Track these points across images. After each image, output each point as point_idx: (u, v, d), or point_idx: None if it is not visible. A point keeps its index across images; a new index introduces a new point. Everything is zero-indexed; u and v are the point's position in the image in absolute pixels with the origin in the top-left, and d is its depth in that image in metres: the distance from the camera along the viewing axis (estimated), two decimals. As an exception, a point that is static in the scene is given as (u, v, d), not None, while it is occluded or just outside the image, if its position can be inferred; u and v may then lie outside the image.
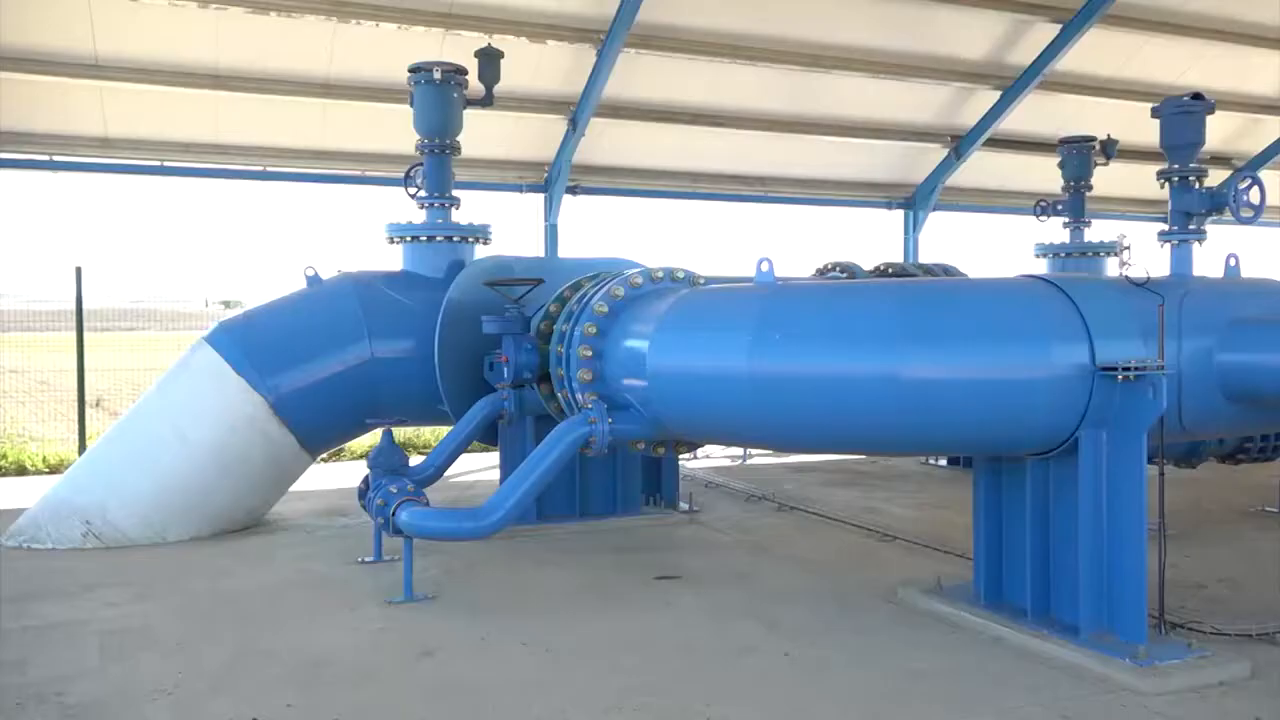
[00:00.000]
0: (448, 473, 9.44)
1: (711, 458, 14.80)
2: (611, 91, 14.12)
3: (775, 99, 15.34)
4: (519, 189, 15.47)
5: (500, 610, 7.25)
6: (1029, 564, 6.57)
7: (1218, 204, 7.21)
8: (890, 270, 13.00)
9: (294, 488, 10.53)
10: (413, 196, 10.91)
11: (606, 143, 15.20)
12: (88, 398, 14.24)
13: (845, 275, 12.04)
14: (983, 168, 17.40)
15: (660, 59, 14.05)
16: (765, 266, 6.74)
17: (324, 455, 12.22)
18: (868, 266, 12.62)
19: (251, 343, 9.71)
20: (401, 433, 14.75)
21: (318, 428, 9.88)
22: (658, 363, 6.91)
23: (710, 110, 15.22)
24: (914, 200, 17.71)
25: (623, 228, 17.45)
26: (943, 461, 14.01)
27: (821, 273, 12.33)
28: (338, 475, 12.91)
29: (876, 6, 14.07)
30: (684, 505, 10.74)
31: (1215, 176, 7.89)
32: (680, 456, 10.36)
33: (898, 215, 17.95)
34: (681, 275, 7.81)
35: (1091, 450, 6.11)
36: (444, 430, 10.67)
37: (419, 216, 10.61)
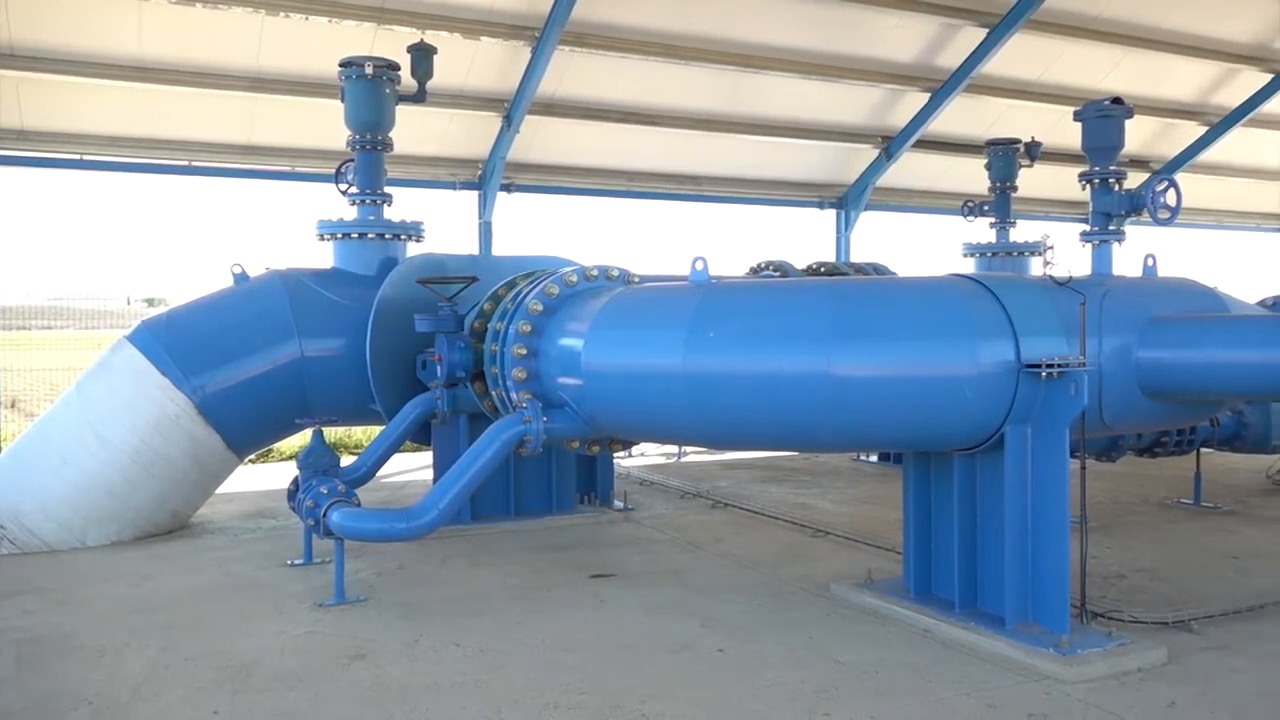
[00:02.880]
0: (380, 473, 9.34)
1: (646, 455, 14.84)
2: (546, 89, 14.08)
3: (709, 98, 15.43)
4: (452, 186, 15.33)
5: (433, 611, 7.18)
6: (957, 557, 6.70)
7: (1136, 205, 7.44)
8: (822, 269, 13.17)
9: (220, 490, 10.30)
10: (344, 193, 10.75)
11: (541, 140, 15.14)
12: (2, 399, 13.77)
13: (778, 274, 12.16)
14: (913, 168, 17.69)
15: (595, 57, 14.04)
16: (700, 265, 6.78)
17: (252, 456, 11.99)
18: (800, 265, 12.77)
19: (175, 341, 9.48)
20: (332, 433, 14.54)
21: (245, 428, 9.68)
22: (593, 361, 6.90)
23: (645, 109, 15.25)
24: (845, 200, 17.95)
25: (557, 226, 17.41)
26: (873, 458, 14.24)
27: (755, 271, 12.44)
28: (266, 477, 12.66)
29: (809, 8, 14.23)
30: (619, 503, 10.75)
31: (1134, 179, 8.13)
32: (615, 454, 10.35)
33: (830, 215, 18.17)
34: (616, 274, 7.81)
35: (1016, 445, 6.26)
36: (376, 430, 10.56)
37: (350, 213, 10.45)
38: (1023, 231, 15.50)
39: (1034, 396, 6.15)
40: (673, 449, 14.96)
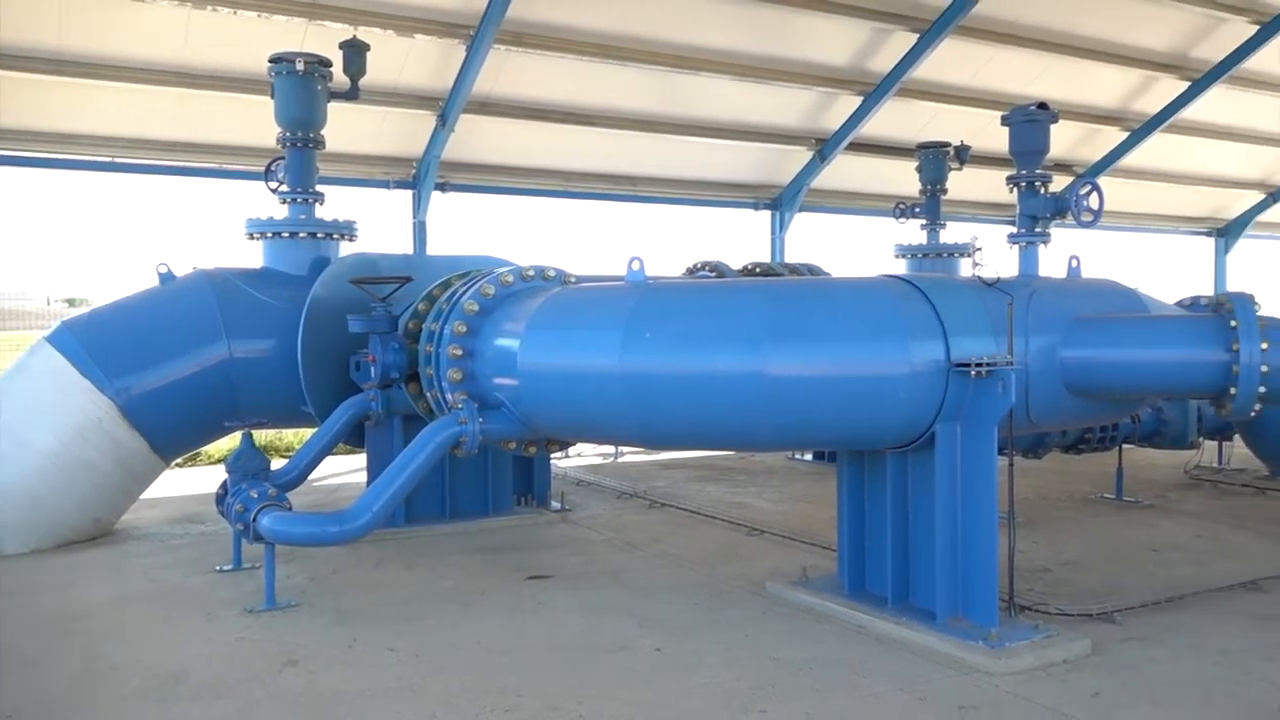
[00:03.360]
0: (312, 476, 9.20)
1: (583, 456, 14.82)
2: (481, 88, 13.98)
3: (645, 99, 15.46)
4: (386, 185, 15.14)
5: (367, 616, 7.09)
6: (889, 554, 6.81)
7: (1061, 208, 7.61)
8: (758, 270, 13.28)
9: (145, 495, 10.04)
10: (274, 191, 10.56)
11: (476, 140, 15.03)
12: (-86, 402, 13.22)
13: (714, 275, 12.23)
14: (846, 170, 17.93)
15: (531, 56, 13.98)
16: (636, 265, 6.79)
17: (178, 460, 11.71)
18: (736, 266, 12.86)
19: (98, 342, 9.22)
20: (263, 435, 14.27)
21: (171, 431, 9.45)
22: (529, 361, 6.87)
23: (581, 109, 15.23)
24: (780, 201, 18.12)
25: (493, 226, 17.28)
26: (808, 456, 14.40)
27: (691, 272, 12.50)
28: (194, 481, 12.38)
29: (744, 10, 14.33)
30: (556, 504, 10.73)
31: (1059, 182, 8.33)
32: (552, 455, 10.33)
33: (765, 215, 18.34)
34: (553, 274, 7.79)
35: (947, 443, 6.38)
36: (308, 433, 10.39)
37: (280, 212, 10.26)
38: (952, 233, 15.81)
39: (964, 395, 6.28)
40: (610, 449, 14.96)
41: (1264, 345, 6.61)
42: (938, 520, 6.42)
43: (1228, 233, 23.16)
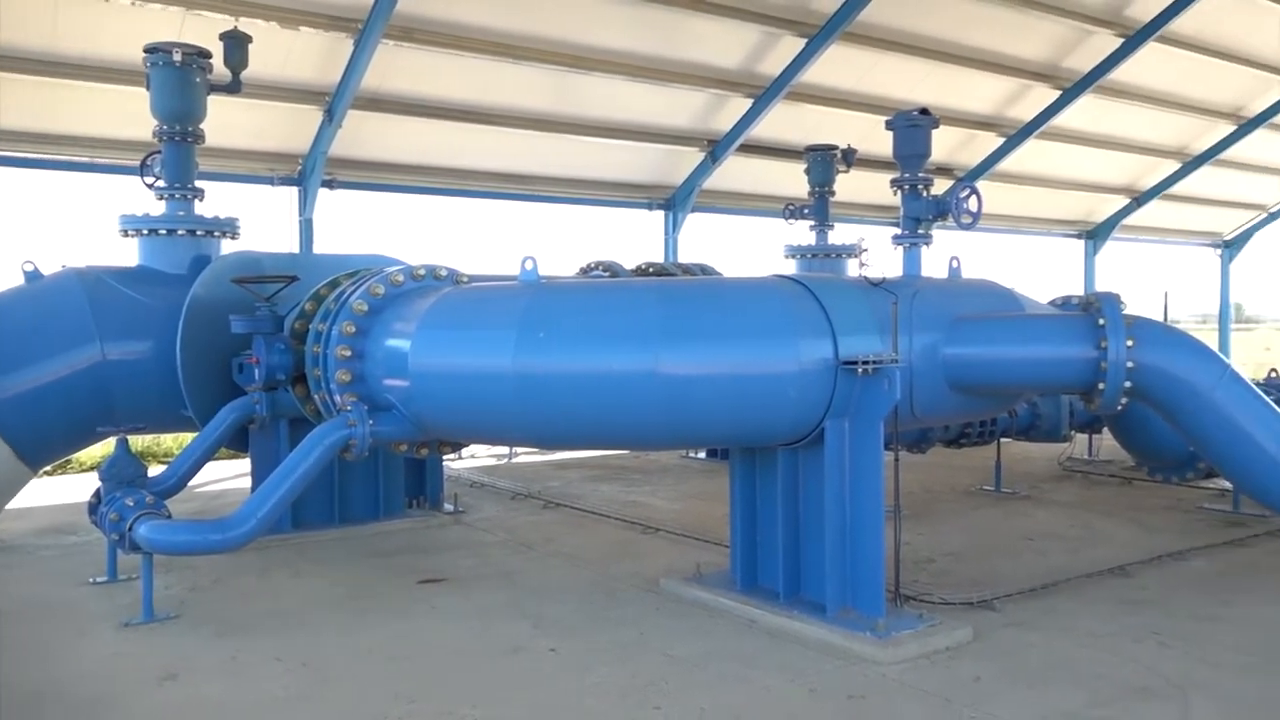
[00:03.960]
0: (192, 483, 8.88)
1: (477, 457, 14.68)
2: (371, 83, 13.68)
3: (540, 98, 15.38)
4: (270, 182, 14.68)
5: (252, 626, 6.87)
6: (781, 549, 6.93)
7: (942, 211, 7.85)
8: (651, 270, 13.35)
9: (12, 505, 9.51)
10: (150, 186, 10.12)
11: (366, 136, 14.70)
12: None
13: (608, 274, 12.25)
14: (737, 172, 18.16)
15: (422, 52, 13.74)
16: (529, 265, 6.75)
17: (47, 468, 11.14)
18: (629, 266, 12.91)
19: (-43, 345, 8.69)
20: (139, 441, 13.75)
21: (39, 438, 8.96)
22: (421, 362, 6.76)
23: (474, 107, 15.05)
24: (673, 201, 18.26)
25: (383, 225, 16.96)
26: (701, 454, 14.55)
27: (585, 271, 12.50)
28: (64, 490, 11.81)
29: (638, 11, 14.37)
30: (449, 506, 10.59)
31: (940, 185, 8.59)
32: (445, 457, 10.19)
33: (658, 216, 18.44)
34: (445, 273, 7.67)
35: (835, 439, 6.53)
36: (188, 438, 10.00)
37: (158, 208, 9.85)
38: (840, 234, 16.18)
39: (851, 392, 6.43)
40: (504, 450, 14.85)
41: (1129, 342, 6.95)
42: (827, 514, 6.57)
43: (1096, 235, 24.29)
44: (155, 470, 8.33)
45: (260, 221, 14.72)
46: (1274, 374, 11.35)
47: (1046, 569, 8.14)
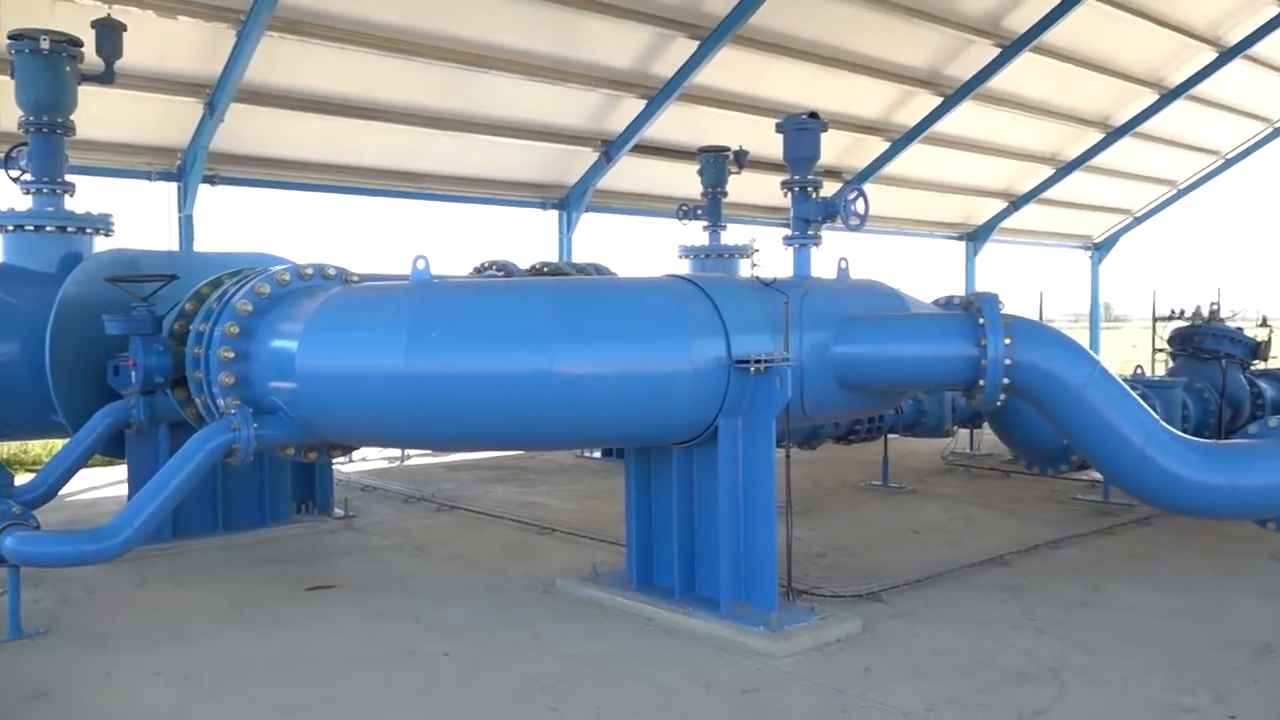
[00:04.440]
0: (64, 491, 8.45)
1: (368, 460, 14.39)
2: (254, 76, 13.27)
3: (433, 95, 15.16)
4: (148, 177, 14.10)
5: (129, 640, 6.58)
6: (676, 546, 6.99)
7: (831, 212, 8.01)
8: (545, 269, 13.30)
9: None
10: (16, 180, 9.60)
11: (249, 130, 14.26)
12: None
13: (502, 274, 12.15)
14: (631, 172, 18.24)
15: (308, 46, 13.39)
16: (421, 264, 6.65)
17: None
18: (524, 265, 12.82)
19: None
20: (6, 448, 13.06)
21: (-107, 446, 8.44)
22: (308, 364, 6.58)
23: (364, 102, 14.74)
24: (567, 201, 18.23)
25: (269, 222, 16.52)
26: (597, 454, 14.56)
27: (478, 271, 12.36)
28: (-77, 500, 11.10)
29: (531, 10, 14.30)
30: (339, 511, 10.35)
31: (829, 188, 8.78)
32: (334, 460, 9.96)
33: (552, 215, 18.39)
34: (333, 272, 7.49)
35: (729, 437, 6.61)
36: (60, 444, 9.54)
37: (24, 203, 9.36)
38: (733, 235, 16.39)
39: (744, 390, 6.53)
40: (396, 452, 14.59)
41: (1007, 341, 7.22)
42: (721, 512, 6.65)
43: (976, 237, 25.21)
44: (24, 479, 7.90)
45: (137, 218, 14.15)
46: (1140, 370, 11.97)
47: (931, 560, 8.40)
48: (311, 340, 6.59)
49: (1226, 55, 20.82)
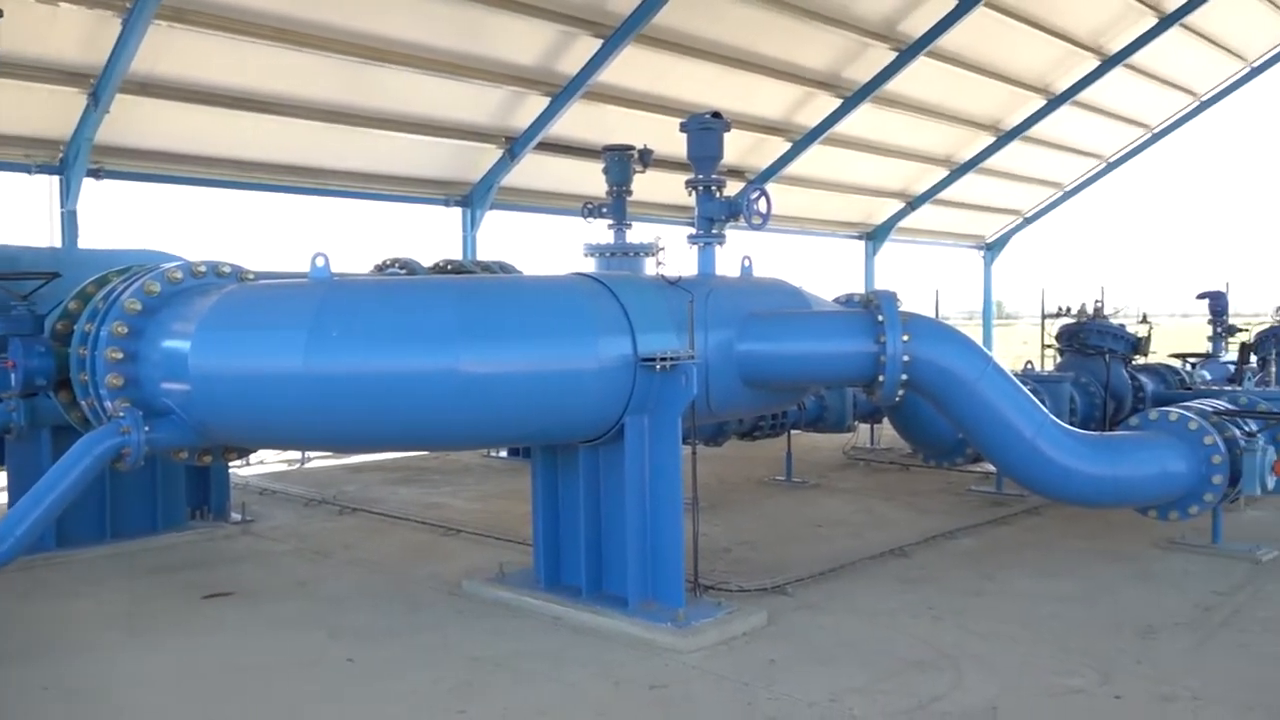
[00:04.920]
0: (-63, 500, 8.04)
1: (266, 463, 14.01)
2: (141, 67, 12.76)
3: (331, 89, 14.81)
4: (27, 170, 13.43)
5: (12, 654, 6.27)
6: (583, 545, 6.99)
7: (734, 211, 8.10)
8: (449, 267, 13.14)
9: None
10: (-120, 172, 9.09)
11: (137, 123, 13.71)
12: None
13: (404, 272, 11.96)
14: (537, 170, 18.13)
15: (199, 36, 12.94)
16: (320, 262, 6.49)
17: None
18: (427, 263, 12.65)
19: None
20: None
21: None
22: (202, 364, 6.37)
23: (258, 95, 14.31)
24: (471, 199, 18.02)
25: (159, 218, 15.92)
26: (503, 453, 14.45)
27: (380, 269, 12.14)
28: None
29: (431, 4, 14.07)
30: (236, 515, 10.06)
31: (733, 187, 8.88)
32: (231, 463, 9.67)
33: (456, 213, 18.16)
34: (228, 270, 7.26)
35: (635, 435, 6.63)
36: (-68, 450, 9.04)
37: (-110, 196, 8.86)
38: (638, 233, 16.39)
39: (650, 388, 6.56)
40: (296, 454, 14.23)
41: (905, 337, 7.42)
42: (628, 509, 6.67)
43: (875, 236, 25.80)
44: (-109, 488, 7.48)
45: (16, 213, 13.49)
46: (1030, 366, 12.41)
47: (834, 553, 8.57)
48: (205, 340, 6.38)
49: (1108, 63, 21.74)
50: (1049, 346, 13.30)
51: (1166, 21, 20.95)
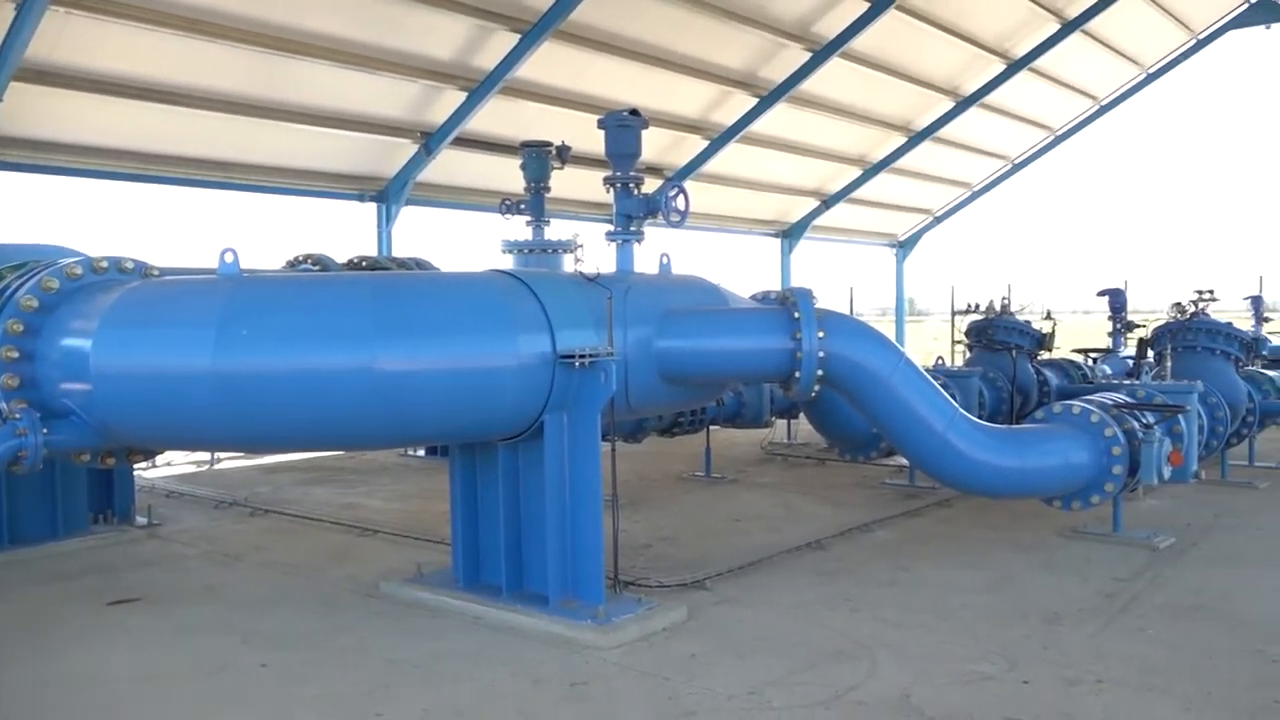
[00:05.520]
0: None
1: (173, 464, 13.61)
2: (38, 54, 12.24)
3: (240, 81, 14.41)
4: (-87, 161, 12.84)
5: (-100, 668, 6.00)
6: (503, 543, 6.94)
7: (652, 209, 8.13)
8: (364, 264, 12.92)
9: None
10: None
11: (32, 112, 13.15)
12: None
13: (317, 268, 11.72)
14: (453, 165, 17.92)
15: (99, 23, 12.48)
16: (229, 257, 6.32)
17: None
18: (341, 260, 12.41)
19: None
20: None
21: None
22: (105, 364, 6.15)
23: (163, 86, 13.85)
24: (386, 194, 17.73)
25: (57, 212, 15.33)
26: (421, 452, 14.28)
27: (292, 265, 11.87)
28: None
29: (346, -4, 13.84)
30: (142, 519, 9.75)
31: (651, 185, 8.91)
32: (135, 465, 9.36)
33: (371, 208, 17.85)
34: (131, 266, 7.01)
35: (555, 432, 6.62)
36: None
37: None
38: (556, 230, 16.33)
39: (569, 385, 6.54)
40: (205, 455, 13.85)
41: (821, 334, 7.54)
42: (548, 507, 6.65)
43: (791, 234, 26.15)
44: None
45: (-99, 206, 12.84)
46: (940, 361, 12.73)
47: (752, 547, 8.67)
48: (108, 338, 6.16)
49: (1013, 67, 22.39)
50: (959, 342, 13.64)
51: (1069, 28, 21.68)
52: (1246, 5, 23.91)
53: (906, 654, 6.08)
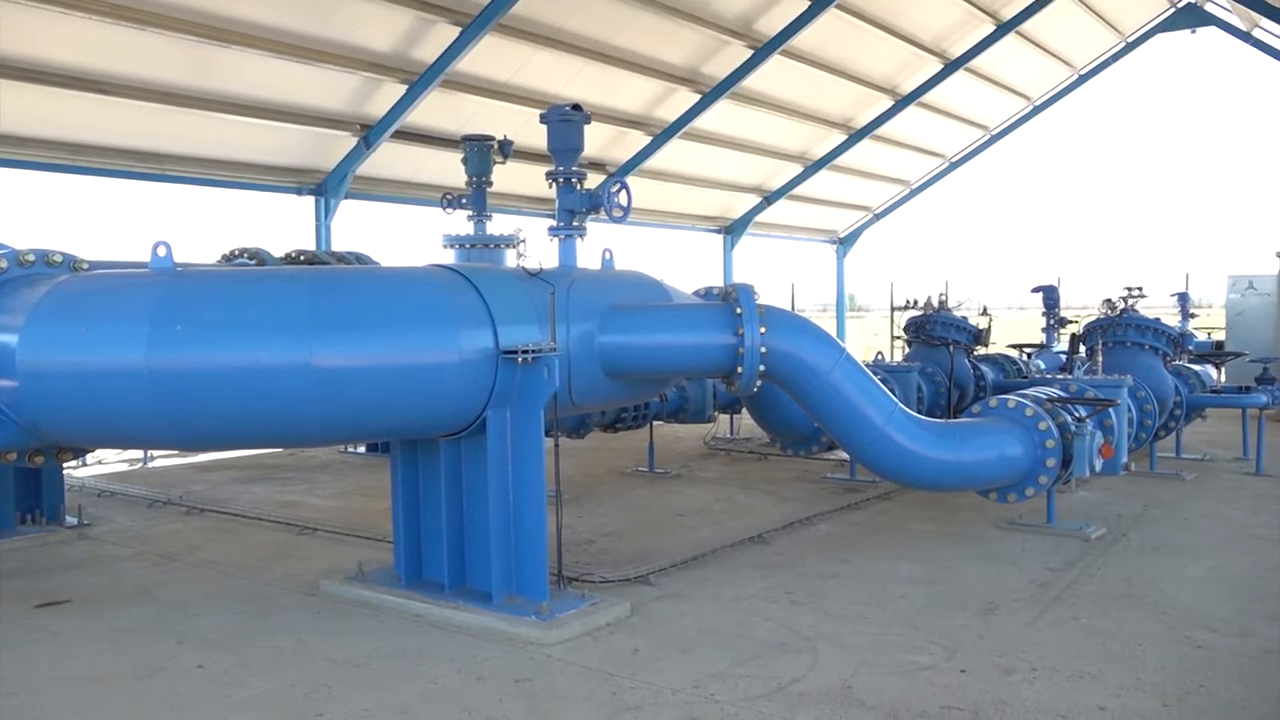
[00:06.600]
0: None
1: (105, 463, 13.29)
2: (-42, 40, 11.88)
3: (172, 70, 14.08)
4: None
5: None
6: (445, 540, 6.89)
7: (595, 204, 8.12)
8: (302, 258, 12.71)
9: None
10: None
11: (-46, 101, 12.75)
12: None
13: (254, 262, 11.51)
14: (393, 159, 17.72)
15: (21, 9, 12.11)
16: (162, 251, 6.19)
17: None
18: (278, 253, 12.20)
19: None
20: None
21: None
22: (32, 360, 5.98)
23: (91, 75, 13.49)
24: (325, 187, 17.47)
25: (-19, 203, 14.82)
26: (361, 449, 14.11)
27: (228, 259, 11.65)
28: None
29: (281, -16, 13.59)
30: (72, 519, 9.50)
31: (594, 180, 8.89)
32: (65, 464, 9.12)
33: (309, 202, 17.58)
34: (59, 259, 6.83)
35: (498, 428, 6.58)
36: None
37: None
38: (498, 225, 16.24)
39: (512, 381, 6.51)
40: (138, 454, 13.54)
41: (762, 330, 7.60)
42: (491, 503, 6.61)
43: (733, 230, 26.31)
44: None
45: None
46: (880, 356, 12.90)
47: (695, 542, 8.71)
48: (35, 334, 6.00)
49: (950, 67, 22.78)
50: (898, 338, 13.84)
51: (1004, 29, 22.12)
52: (1173, 9, 24.61)
53: (847, 645, 6.16)
